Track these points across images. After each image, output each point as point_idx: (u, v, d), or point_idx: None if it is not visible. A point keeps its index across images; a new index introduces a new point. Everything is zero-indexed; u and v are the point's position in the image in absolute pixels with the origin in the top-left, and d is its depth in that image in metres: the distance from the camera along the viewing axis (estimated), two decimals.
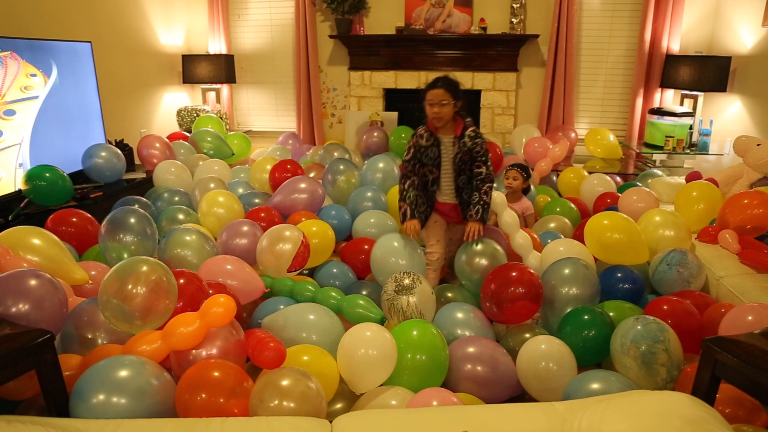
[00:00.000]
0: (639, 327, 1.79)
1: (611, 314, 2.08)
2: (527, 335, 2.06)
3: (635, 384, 1.74)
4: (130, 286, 1.78)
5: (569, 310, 2.11)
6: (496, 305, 2.17)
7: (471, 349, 1.91)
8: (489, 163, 2.53)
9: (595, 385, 1.68)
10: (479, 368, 1.86)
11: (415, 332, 1.89)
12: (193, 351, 1.74)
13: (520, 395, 1.93)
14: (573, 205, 3.23)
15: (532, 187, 3.37)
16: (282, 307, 2.17)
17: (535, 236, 2.81)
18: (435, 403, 1.60)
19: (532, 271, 2.22)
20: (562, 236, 2.84)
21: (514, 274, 2.19)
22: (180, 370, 1.74)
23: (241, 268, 2.30)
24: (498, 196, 2.86)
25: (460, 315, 2.16)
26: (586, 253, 2.49)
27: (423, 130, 2.52)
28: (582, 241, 2.59)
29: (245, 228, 2.65)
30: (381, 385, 1.83)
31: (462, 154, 2.49)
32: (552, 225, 3.02)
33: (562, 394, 1.78)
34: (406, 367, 1.83)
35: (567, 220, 3.06)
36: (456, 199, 2.59)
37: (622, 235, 2.42)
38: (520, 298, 2.13)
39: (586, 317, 2.01)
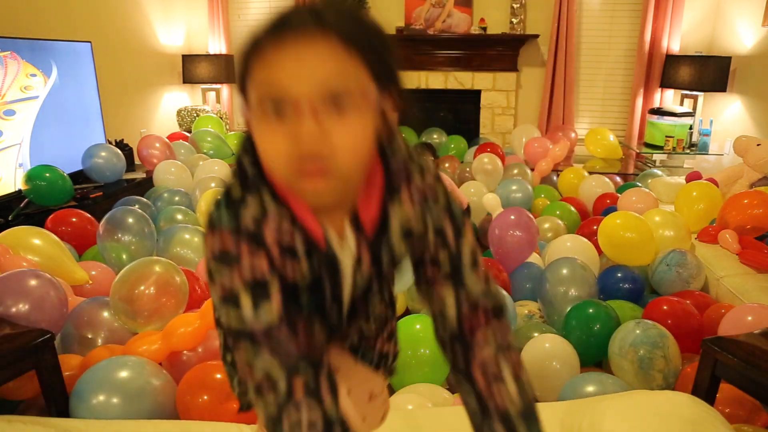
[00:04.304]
0: (639, 331, 1.78)
1: None
2: (535, 334, 2.06)
3: (631, 388, 1.73)
4: (142, 287, 1.82)
5: (569, 308, 2.11)
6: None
7: None
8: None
9: (590, 388, 1.67)
10: None
11: (418, 326, 1.88)
12: (185, 351, 1.75)
13: None
14: (573, 208, 3.23)
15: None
16: None
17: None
18: None
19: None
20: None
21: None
22: (172, 369, 1.74)
23: None
24: (493, 198, 2.88)
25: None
26: (590, 250, 2.49)
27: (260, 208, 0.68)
28: None
29: None
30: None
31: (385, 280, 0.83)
32: (546, 225, 3.02)
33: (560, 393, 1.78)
34: (409, 362, 1.82)
35: (560, 221, 3.05)
36: None
37: (634, 234, 2.42)
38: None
39: (591, 310, 2.01)
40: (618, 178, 3.84)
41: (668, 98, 4.58)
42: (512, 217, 2.54)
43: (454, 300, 0.74)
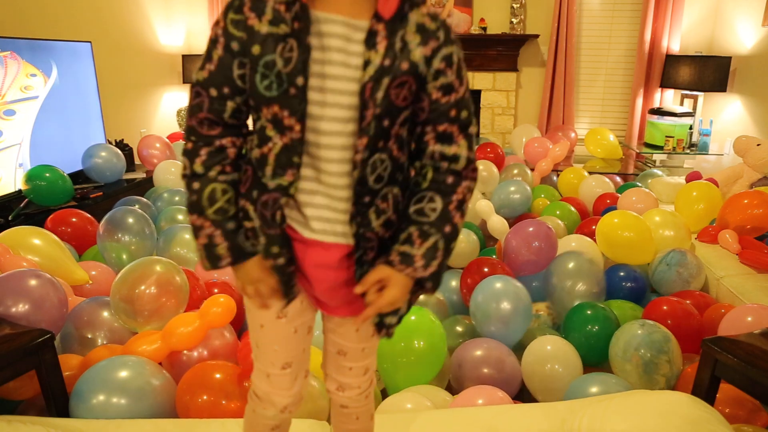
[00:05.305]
0: (643, 335, 1.77)
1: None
2: (537, 336, 2.05)
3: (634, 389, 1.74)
4: (143, 287, 1.82)
5: (575, 304, 2.11)
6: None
7: (478, 352, 1.89)
8: (472, 129, 0.90)
9: (594, 389, 1.67)
10: (485, 371, 1.84)
11: (412, 317, 1.86)
12: (185, 351, 1.75)
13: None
14: (573, 208, 3.23)
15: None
16: None
17: None
18: (480, 401, 1.58)
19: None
20: None
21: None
22: (172, 369, 1.74)
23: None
24: (486, 204, 2.81)
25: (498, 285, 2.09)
26: (595, 250, 2.49)
27: None
28: None
29: None
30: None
31: (395, 76, 0.83)
32: None
33: (563, 395, 1.77)
34: (402, 354, 1.79)
35: (560, 222, 3.05)
36: (354, 228, 0.90)
37: (632, 233, 2.42)
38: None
39: (589, 312, 2.01)
40: (618, 178, 3.84)
41: (668, 98, 4.58)
42: (530, 229, 2.42)
43: (451, 146, 0.90)
